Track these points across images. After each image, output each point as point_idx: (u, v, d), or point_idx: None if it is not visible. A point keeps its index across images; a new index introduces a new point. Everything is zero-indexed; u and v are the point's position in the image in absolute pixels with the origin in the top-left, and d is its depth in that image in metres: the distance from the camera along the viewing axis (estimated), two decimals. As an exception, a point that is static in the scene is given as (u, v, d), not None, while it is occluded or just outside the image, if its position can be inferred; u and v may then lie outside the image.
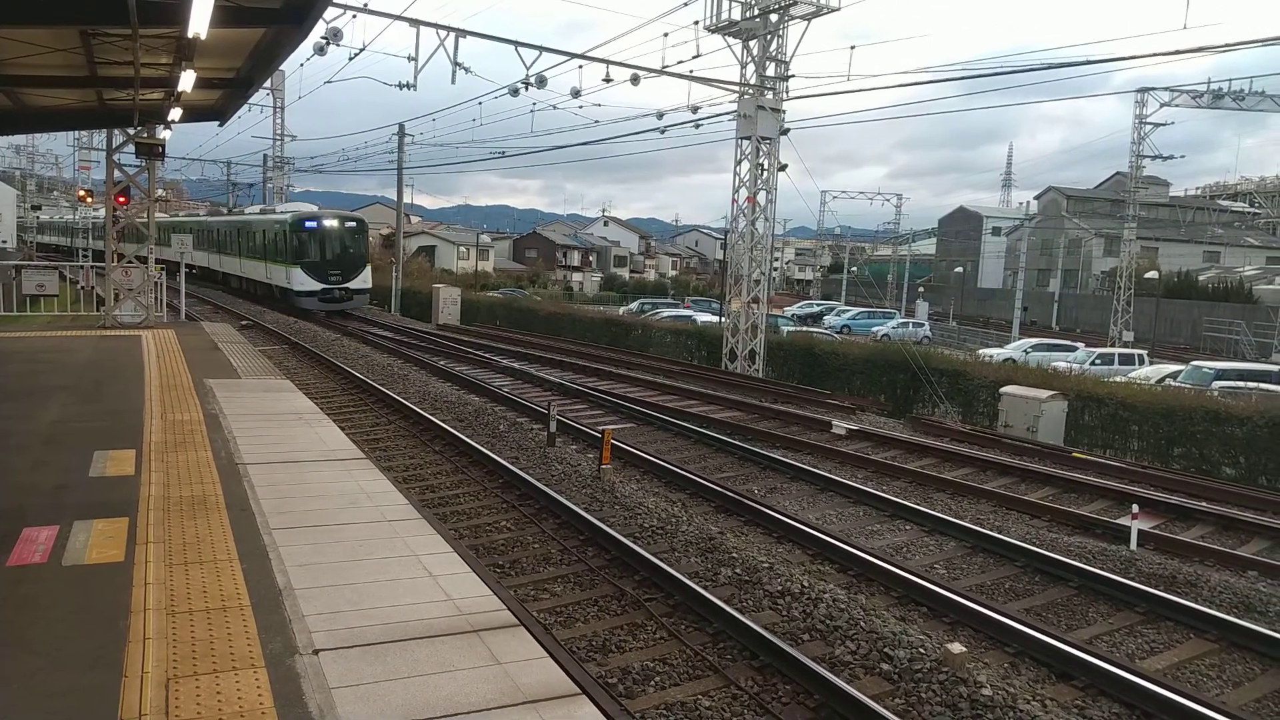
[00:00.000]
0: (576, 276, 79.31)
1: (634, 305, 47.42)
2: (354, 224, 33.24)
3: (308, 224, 31.67)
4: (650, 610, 7.46)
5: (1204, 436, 15.55)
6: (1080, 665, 6.76)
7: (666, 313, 40.32)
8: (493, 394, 17.39)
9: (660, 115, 24.37)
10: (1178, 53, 17.64)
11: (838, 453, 13.96)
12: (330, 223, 32.30)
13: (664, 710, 5.97)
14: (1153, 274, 48.04)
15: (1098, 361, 30.07)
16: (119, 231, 19.38)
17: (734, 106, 23.28)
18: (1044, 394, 16.88)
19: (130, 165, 19.35)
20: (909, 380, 20.02)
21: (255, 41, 10.71)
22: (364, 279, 32.44)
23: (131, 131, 17.82)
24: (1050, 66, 19.01)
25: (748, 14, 22.48)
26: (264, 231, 34.06)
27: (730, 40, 22.93)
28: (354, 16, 18.58)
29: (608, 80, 21.45)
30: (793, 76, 23.14)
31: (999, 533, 10.00)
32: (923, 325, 47.44)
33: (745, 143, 23.19)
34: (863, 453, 14.10)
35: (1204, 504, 11.94)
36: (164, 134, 18.15)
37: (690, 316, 37.57)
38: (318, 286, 30.95)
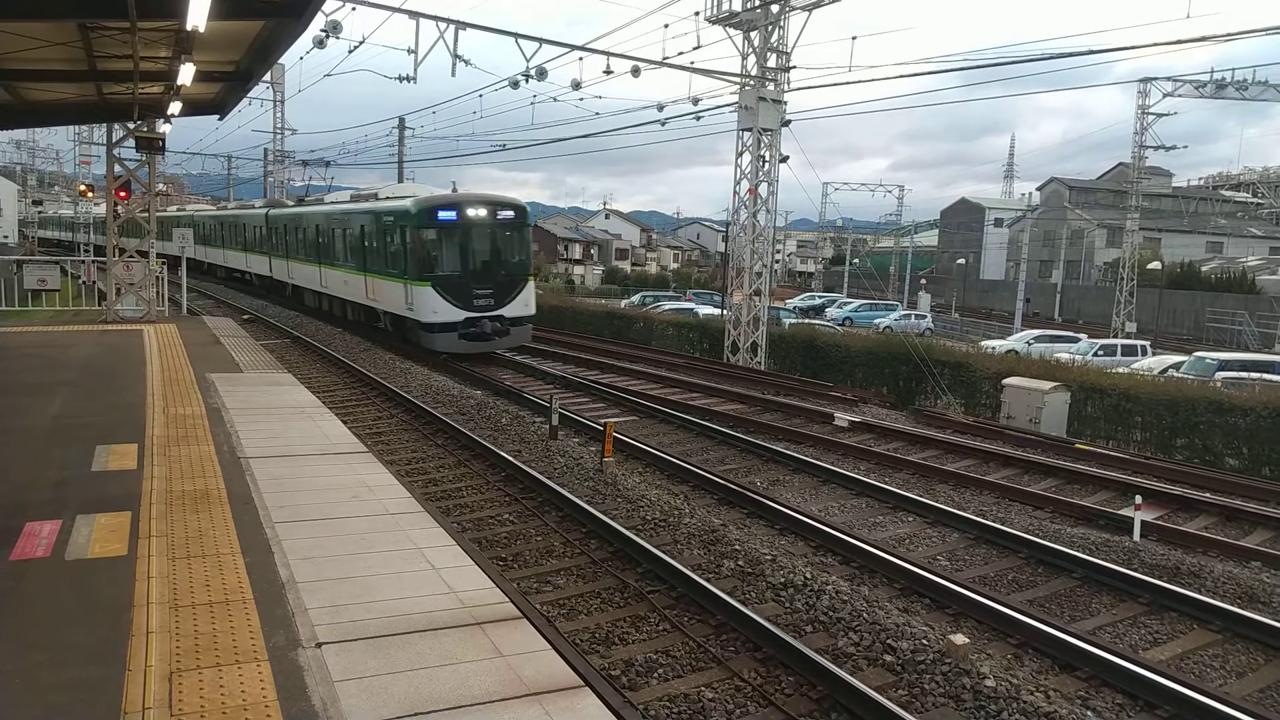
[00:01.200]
0: (578, 269, 79.21)
1: (635, 298, 47.34)
2: (511, 213, 20.78)
3: (443, 214, 19.91)
4: (653, 602, 7.46)
5: (1207, 427, 15.51)
6: (1083, 656, 6.76)
7: (668, 305, 40.28)
8: (494, 387, 17.38)
9: (661, 107, 24.31)
10: (1180, 42, 17.60)
11: (840, 445, 13.94)
12: (477, 212, 20.26)
13: (667, 702, 5.98)
14: (1155, 265, 47.94)
15: (1100, 353, 30.01)
16: (119, 226, 19.38)
17: (735, 98, 23.21)
18: (1046, 385, 16.85)
19: (131, 160, 19.35)
20: (911, 372, 19.98)
21: (254, 34, 10.69)
22: (525, 300, 20.78)
23: (131, 126, 17.81)
24: (1052, 57, 18.97)
25: (748, 5, 22.40)
26: (364, 227, 22.55)
27: (731, 31, 22.85)
28: (353, 9, 18.51)
29: (608, 72, 21.39)
30: (794, 68, 23.08)
31: (1002, 524, 9.99)
32: (925, 317, 47.36)
33: (746, 134, 23.12)
34: (865, 445, 14.09)
35: (1207, 495, 11.92)
36: (164, 128, 18.15)
37: (692, 309, 37.55)
38: (458, 315, 19.63)
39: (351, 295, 24.07)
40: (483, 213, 20.31)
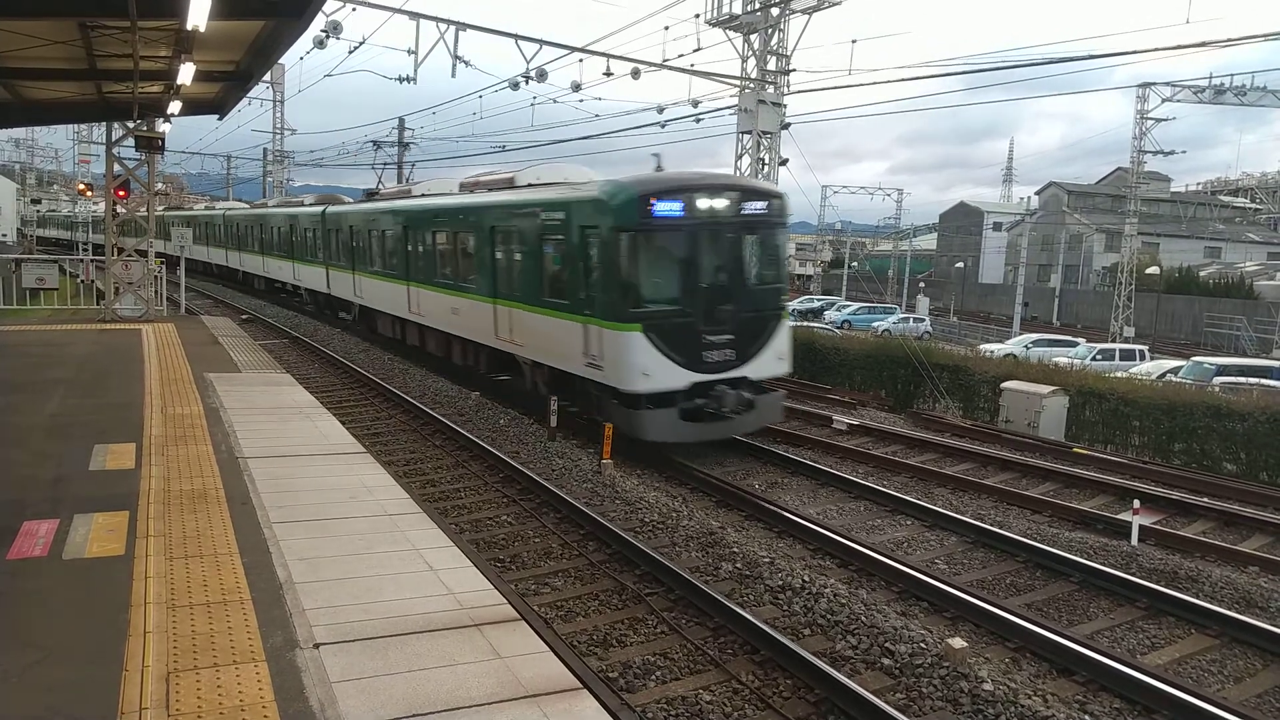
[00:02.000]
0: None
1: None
2: (763, 205, 12.90)
3: (662, 207, 12.03)
4: (651, 605, 7.46)
5: (1205, 432, 15.51)
6: (1081, 660, 6.76)
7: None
8: (494, 389, 17.36)
9: (661, 109, 24.35)
10: (1180, 48, 17.65)
11: (838, 448, 13.94)
12: (714, 203, 12.43)
13: (665, 704, 5.97)
14: (1154, 269, 48.01)
15: (1099, 357, 30.03)
16: (119, 225, 19.36)
17: (735, 101, 23.22)
18: (1045, 389, 16.85)
19: (130, 159, 19.34)
20: (910, 375, 19.97)
21: (255, 34, 10.69)
22: (778, 350, 12.98)
23: (131, 125, 17.81)
24: (1052, 61, 19.03)
25: (749, 7, 22.42)
26: (496, 229, 15.05)
27: (731, 34, 22.86)
28: (354, 9, 18.53)
29: (608, 74, 21.43)
30: (794, 71, 23.08)
31: (1000, 528, 9.99)
32: (923, 321, 47.39)
33: (746, 137, 23.13)
34: (863, 448, 14.08)
35: (1205, 499, 11.92)
36: (163, 127, 18.15)
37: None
38: (681, 379, 12.02)
39: (469, 331, 16.28)
40: (722, 204, 12.36)
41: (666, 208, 11.94)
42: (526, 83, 20.72)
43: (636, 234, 11.84)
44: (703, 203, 12.21)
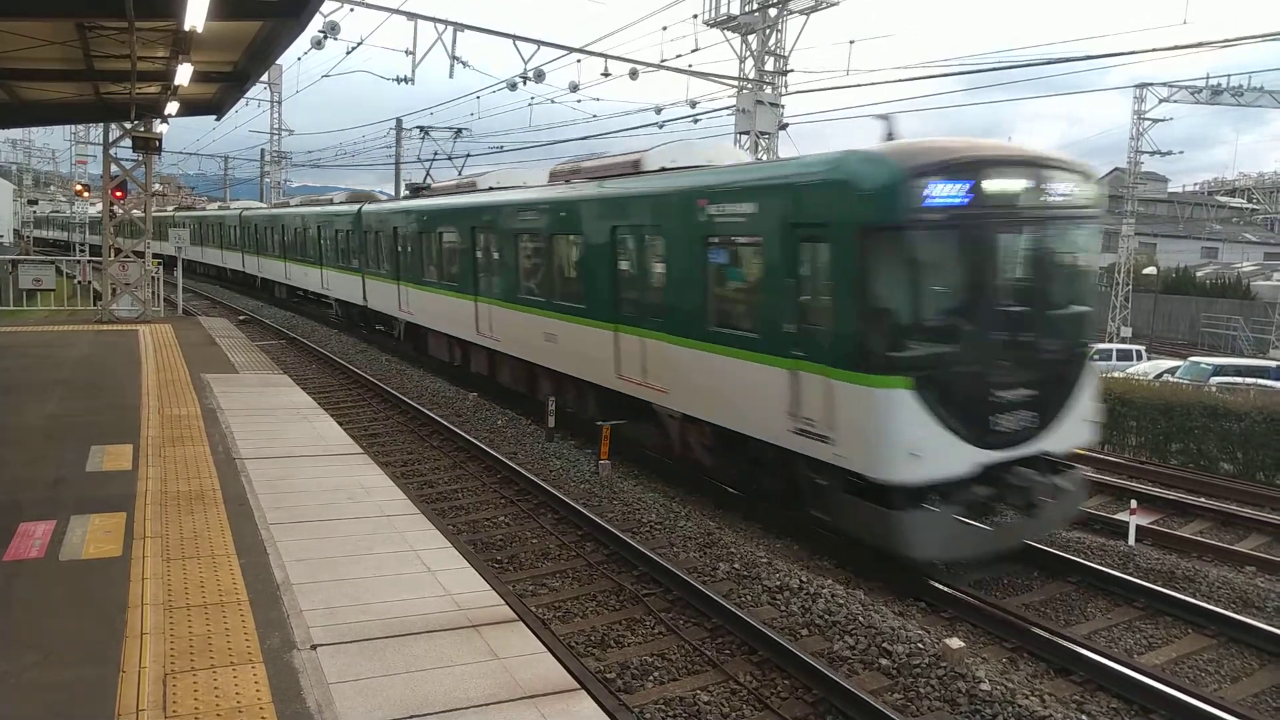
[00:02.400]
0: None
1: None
2: (1072, 187, 8.40)
3: (941, 190, 7.49)
4: (648, 605, 7.46)
5: (1202, 432, 15.52)
6: (1079, 660, 6.76)
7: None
8: (492, 389, 17.34)
9: (659, 110, 24.36)
10: (1177, 48, 17.65)
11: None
12: (1009, 184, 8.10)
13: (663, 705, 5.97)
14: (1151, 270, 48.06)
15: (1095, 357, 30.02)
16: (115, 227, 19.34)
17: (732, 101, 23.23)
18: (1042, 389, 16.85)
19: (127, 160, 19.34)
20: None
21: (252, 35, 10.69)
22: (1082, 409, 8.74)
23: (128, 126, 17.80)
24: (1050, 62, 19.01)
25: (746, 8, 22.43)
26: (674, 229, 10.13)
27: (729, 35, 22.87)
28: (351, 10, 18.49)
29: (606, 75, 21.44)
30: (791, 71, 23.09)
31: (997, 528, 9.97)
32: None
33: (744, 138, 23.13)
34: (861, 448, 14.06)
35: (1202, 499, 11.93)
36: (161, 128, 18.15)
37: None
38: (963, 459, 7.73)
39: (571, 364, 12.74)
40: (1020, 186, 8.28)
41: (947, 192, 7.62)
42: (524, 83, 20.71)
43: (904, 233, 7.64)
44: (993, 183, 7.98)
